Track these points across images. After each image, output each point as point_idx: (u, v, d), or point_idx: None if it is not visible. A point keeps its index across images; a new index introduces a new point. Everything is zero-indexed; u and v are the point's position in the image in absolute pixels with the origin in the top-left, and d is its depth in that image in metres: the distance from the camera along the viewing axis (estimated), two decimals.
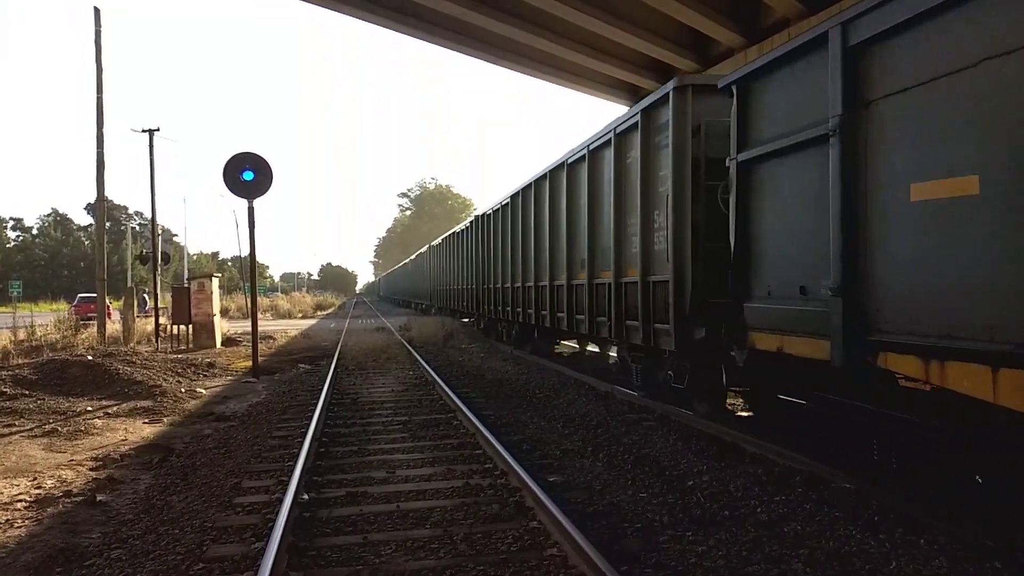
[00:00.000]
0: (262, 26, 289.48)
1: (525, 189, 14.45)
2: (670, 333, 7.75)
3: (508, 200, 15.92)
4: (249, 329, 15.61)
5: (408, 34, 21.32)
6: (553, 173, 12.42)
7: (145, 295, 35.85)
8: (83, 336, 19.42)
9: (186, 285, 21.56)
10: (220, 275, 24.49)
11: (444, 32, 20.96)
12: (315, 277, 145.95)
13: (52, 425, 8.94)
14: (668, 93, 7.77)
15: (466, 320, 24.74)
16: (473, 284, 20.90)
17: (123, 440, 8.24)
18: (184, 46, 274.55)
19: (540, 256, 13.34)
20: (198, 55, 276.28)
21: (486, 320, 20.58)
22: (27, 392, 11.02)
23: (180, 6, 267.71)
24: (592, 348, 15.53)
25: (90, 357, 13.50)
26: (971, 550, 4.19)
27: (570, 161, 11.34)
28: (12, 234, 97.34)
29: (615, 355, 12.05)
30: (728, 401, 8.51)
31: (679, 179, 7.62)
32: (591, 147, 10.26)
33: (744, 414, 8.46)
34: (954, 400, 4.30)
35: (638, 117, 8.53)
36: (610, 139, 9.48)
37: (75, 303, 38.19)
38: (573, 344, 16.69)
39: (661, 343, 8.15)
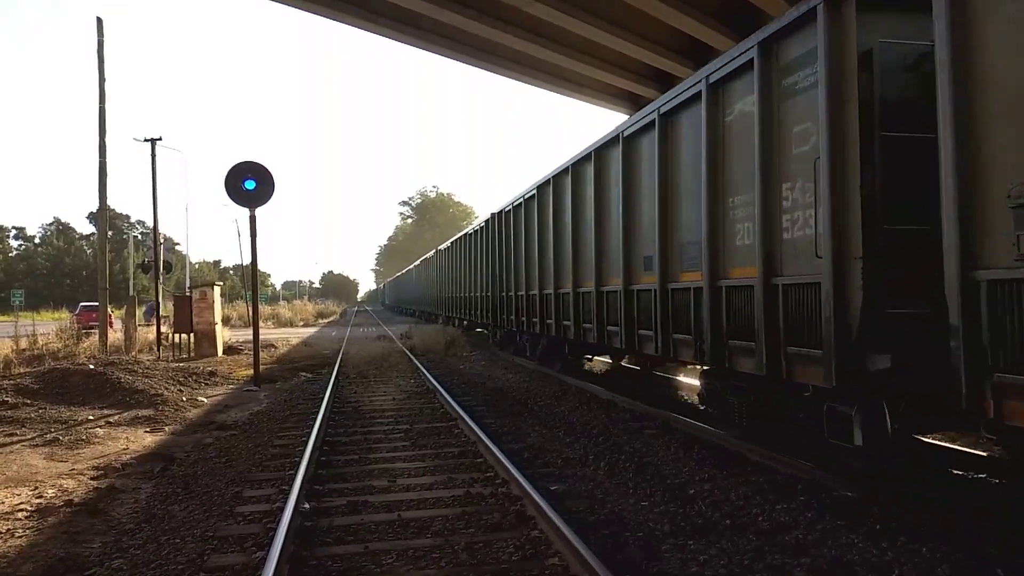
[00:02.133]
0: (263, 35, 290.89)
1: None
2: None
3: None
4: (250, 337, 15.61)
5: (409, 44, 21.44)
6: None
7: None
8: (85, 345, 19.42)
9: (188, 294, 21.59)
10: (222, 284, 24.52)
11: (445, 42, 21.07)
12: (316, 285, 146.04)
13: (54, 434, 8.94)
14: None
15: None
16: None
17: (124, 449, 8.24)
18: (186, 54, 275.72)
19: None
20: (200, 64, 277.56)
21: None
22: (29, 401, 11.02)
23: (182, 14, 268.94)
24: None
25: (92, 366, 13.50)
26: (974, 557, 4.18)
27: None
28: (14, 243, 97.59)
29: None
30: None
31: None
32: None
33: None
34: None
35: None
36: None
37: (77, 312, 38.17)
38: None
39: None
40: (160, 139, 24.11)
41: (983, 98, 4.19)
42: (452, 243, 25.88)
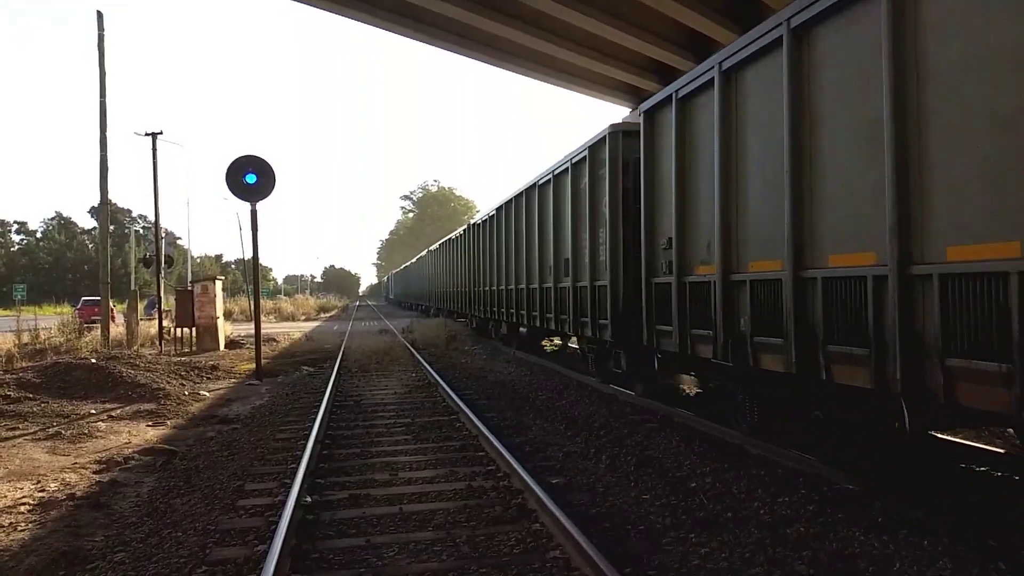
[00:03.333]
0: (264, 29, 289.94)
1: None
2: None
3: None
4: (252, 331, 15.62)
5: (410, 37, 21.38)
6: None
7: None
8: (87, 339, 19.44)
9: (190, 288, 21.61)
10: (223, 278, 24.53)
11: (445, 35, 21.01)
12: (318, 279, 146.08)
13: (56, 428, 8.95)
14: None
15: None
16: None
17: (127, 443, 8.25)
18: (188, 48, 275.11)
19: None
20: (202, 57, 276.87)
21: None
22: (31, 395, 11.03)
23: (185, 7, 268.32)
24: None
25: (94, 360, 13.53)
26: (975, 551, 4.18)
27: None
28: (16, 237, 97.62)
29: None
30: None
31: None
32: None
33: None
34: None
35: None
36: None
37: (79, 306, 38.25)
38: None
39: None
40: (161, 133, 24.05)
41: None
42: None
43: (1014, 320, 3.98)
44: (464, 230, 24.13)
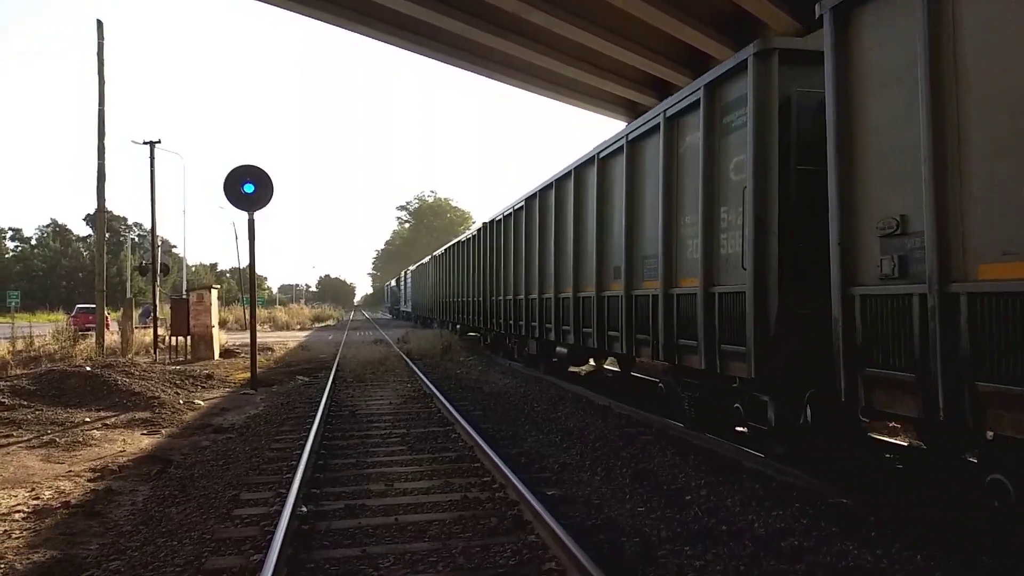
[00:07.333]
0: (264, 38, 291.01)
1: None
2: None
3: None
4: (247, 341, 15.61)
5: (409, 49, 21.50)
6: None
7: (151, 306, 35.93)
8: (81, 347, 19.40)
9: (185, 297, 21.59)
10: (219, 287, 24.51)
11: (445, 48, 21.12)
12: (313, 289, 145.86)
13: (50, 436, 8.93)
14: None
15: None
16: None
17: (121, 451, 8.24)
18: (185, 58, 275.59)
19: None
20: (199, 67, 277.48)
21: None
22: (25, 403, 11.01)
23: (183, 17, 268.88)
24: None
25: (88, 368, 13.50)
26: (968, 566, 4.21)
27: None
28: (10, 244, 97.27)
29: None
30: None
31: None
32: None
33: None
34: None
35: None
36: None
37: (73, 314, 38.13)
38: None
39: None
40: (159, 142, 24.16)
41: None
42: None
43: None
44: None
